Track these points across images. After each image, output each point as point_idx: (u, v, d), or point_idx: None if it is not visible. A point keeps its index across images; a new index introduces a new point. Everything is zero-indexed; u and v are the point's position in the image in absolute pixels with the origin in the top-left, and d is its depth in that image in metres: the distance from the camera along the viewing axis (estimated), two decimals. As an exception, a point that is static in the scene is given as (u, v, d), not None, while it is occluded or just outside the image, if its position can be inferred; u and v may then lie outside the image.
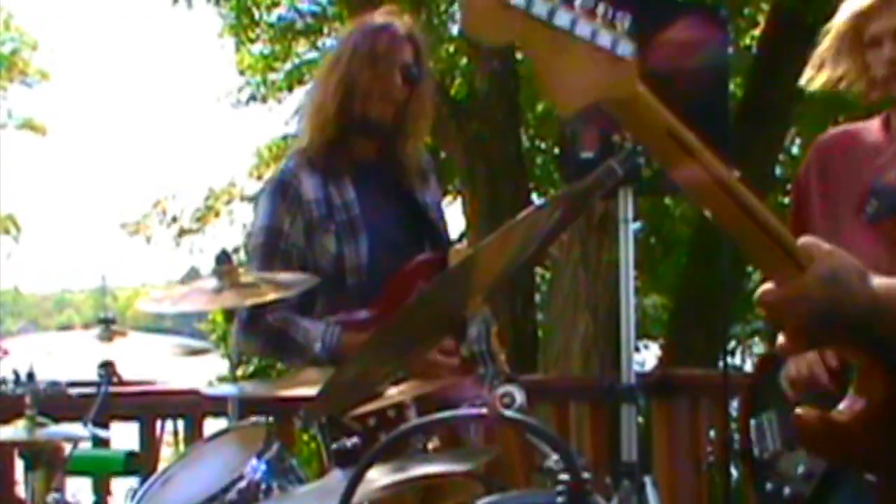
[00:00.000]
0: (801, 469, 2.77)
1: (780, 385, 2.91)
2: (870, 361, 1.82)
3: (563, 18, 1.45)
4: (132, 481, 3.69)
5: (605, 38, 1.47)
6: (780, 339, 1.74)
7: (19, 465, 3.78)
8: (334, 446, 3.33)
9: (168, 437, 5.09)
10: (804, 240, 1.68)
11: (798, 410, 1.92)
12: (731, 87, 7.05)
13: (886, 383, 1.81)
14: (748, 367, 11.63)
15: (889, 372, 1.80)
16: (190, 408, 4.66)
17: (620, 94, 1.52)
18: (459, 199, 10.26)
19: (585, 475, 2.02)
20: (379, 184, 3.74)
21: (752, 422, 3.04)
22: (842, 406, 1.89)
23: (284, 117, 14.86)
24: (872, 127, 2.90)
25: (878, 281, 1.68)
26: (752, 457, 3.01)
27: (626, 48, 1.48)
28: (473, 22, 1.47)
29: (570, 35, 1.45)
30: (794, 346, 1.75)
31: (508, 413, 2.20)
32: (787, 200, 12.03)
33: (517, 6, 1.43)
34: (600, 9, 1.47)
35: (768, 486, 2.87)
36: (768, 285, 1.68)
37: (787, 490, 2.80)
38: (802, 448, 2.60)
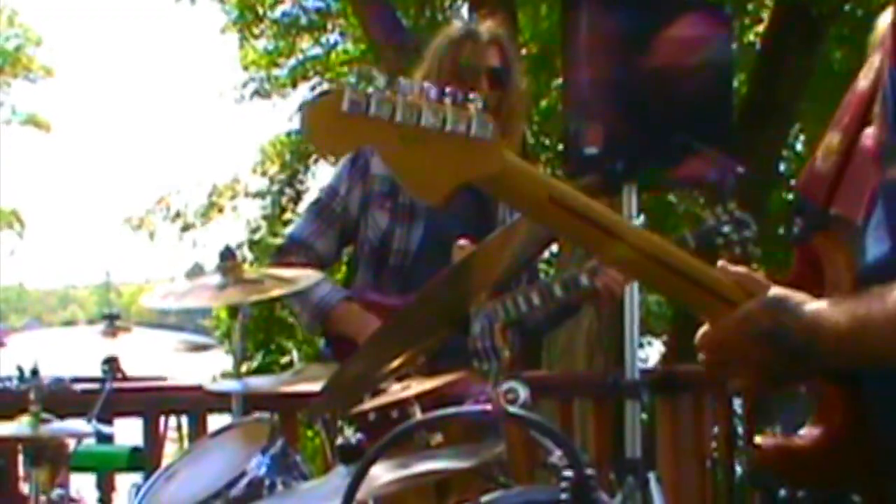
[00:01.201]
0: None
1: (784, 396, 2.91)
2: (829, 390, 1.82)
3: (406, 114, 1.42)
4: (136, 477, 3.70)
5: (457, 125, 1.44)
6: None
7: (23, 461, 3.78)
8: (338, 442, 3.33)
9: (172, 434, 5.09)
10: (741, 274, 1.65)
11: (757, 439, 1.91)
12: (735, 83, 7.06)
13: (843, 410, 1.81)
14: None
15: (846, 399, 1.79)
16: (194, 404, 4.65)
17: (486, 173, 1.49)
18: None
19: (589, 471, 2.01)
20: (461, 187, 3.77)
21: (758, 437, 3.03)
22: (802, 432, 1.88)
23: (288, 113, 14.90)
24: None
25: (821, 305, 1.63)
26: (762, 473, 3.00)
27: (482, 129, 1.45)
28: (317, 136, 1.45)
29: (417, 128, 1.43)
30: (741, 383, 1.72)
31: (512, 409, 2.20)
32: (791, 197, 12.04)
33: (355, 111, 1.41)
34: (448, 96, 1.45)
35: (781, 493, 2.87)
36: (705, 328, 1.66)
37: (800, 492, 2.80)
38: (763, 474, 2.58)
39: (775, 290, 1.63)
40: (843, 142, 1.92)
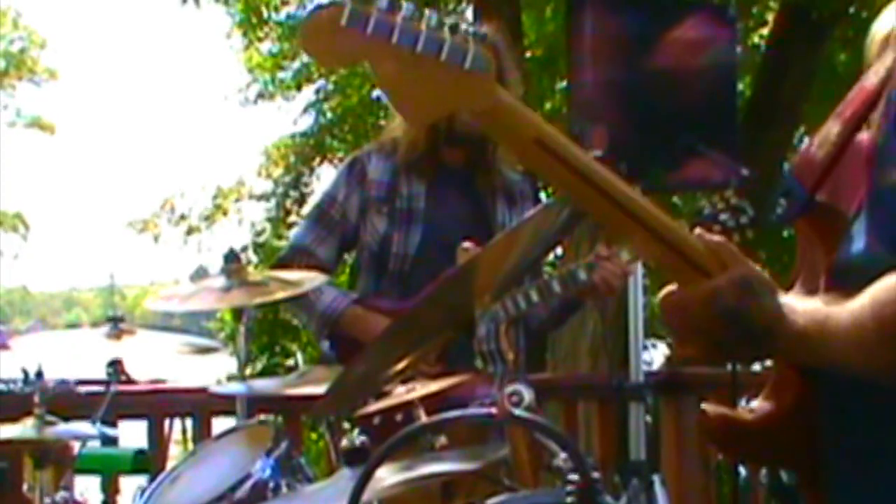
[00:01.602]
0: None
1: None
2: (786, 369, 1.82)
3: (403, 37, 1.43)
4: (141, 480, 3.70)
5: (453, 54, 1.44)
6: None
7: (28, 463, 3.78)
8: (343, 445, 3.34)
9: (176, 436, 5.09)
10: (717, 243, 1.65)
11: (703, 406, 1.89)
12: (740, 86, 7.05)
13: (795, 391, 1.81)
14: (756, 365, 11.61)
15: (801, 382, 1.79)
16: (198, 406, 4.66)
17: (475, 106, 1.48)
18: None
19: (594, 474, 2.02)
20: (457, 188, 3.79)
21: None
22: (753, 404, 1.87)
23: (293, 116, 14.90)
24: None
25: (787, 299, 1.64)
26: (783, 485, 2.99)
27: (477, 61, 1.45)
28: (313, 46, 1.46)
29: (413, 52, 1.43)
30: (690, 350, 1.71)
31: (517, 412, 2.20)
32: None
33: (354, 26, 1.41)
34: (447, 25, 1.45)
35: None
36: (672, 287, 1.67)
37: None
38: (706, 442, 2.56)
39: (746, 270, 1.62)
40: (842, 134, 1.92)
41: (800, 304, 1.63)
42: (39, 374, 3.59)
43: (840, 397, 1.73)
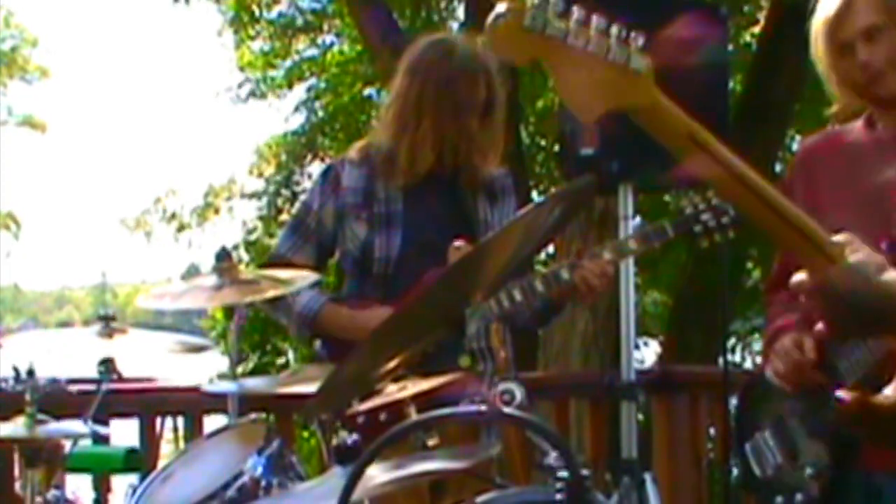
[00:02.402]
0: (808, 472, 2.77)
1: (768, 403, 2.93)
2: None
3: (577, 39, 1.61)
4: (132, 478, 3.69)
5: (618, 55, 1.62)
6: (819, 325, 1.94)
7: (19, 462, 3.78)
8: (334, 443, 3.34)
9: (168, 434, 5.09)
10: (841, 236, 1.80)
11: (839, 393, 2.00)
12: (731, 84, 7.05)
13: None
14: (748, 364, 11.63)
15: None
16: (190, 405, 4.65)
17: (637, 103, 1.67)
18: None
19: (585, 472, 2.02)
20: (434, 188, 3.80)
21: (748, 446, 3.04)
22: (887, 391, 1.99)
23: (284, 114, 14.89)
24: (856, 127, 2.93)
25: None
26: (756, 479, 3.01)
27: (639, 62, 1.65)
28: (498, 44, 1.62)
29: (584, 52, 1.61)
30: (830, 332, 1.96)
31: (508, 410, 2.20)
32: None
33: (534, 28, 1.59)
34: (614, 29, 1.63)
35: (778, 499, 2.87)
36: (802, 274, 1.82)
37: (798, 497, 2.80)
38: (845, 429, 2.62)
39: (860, 256, 1.78)
40: None
41: None
42: (31, 373, 3.58)
43: None
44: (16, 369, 3.75)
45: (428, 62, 3.81)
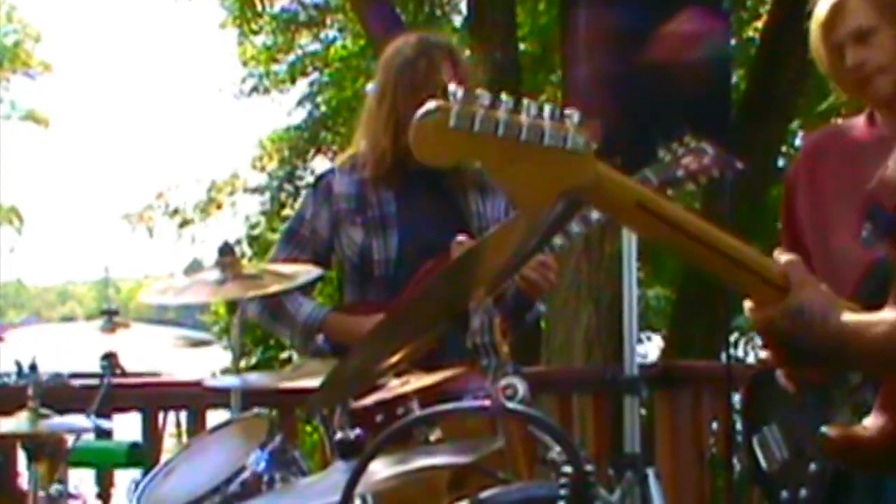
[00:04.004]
0: (812, 468, 2.77)
1: (775, 397, 2.93)
2: (892, 380, 1.94)
3: (507, 130, 1.53)
4: (135, 473, 3.69)
5: (553, 138, 1.54)
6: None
7: (22, 456, 3.78)
8: (337, 438, 3.34)
9: (171, 429, 5.09)
10: (787, 262, 1.78)
11: (824, 430, 2.03)
12: (734, 79, 7.05)
13: None
14: (751, 358, 11.62)
15: None
16: (193, 399, 4.65)
17: (581, 184, 1.59)
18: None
19: (588, 467, 2.02)
20: (425, 187, 3.79)
21: (755, 439, 3.04)
22: (867, 422, 1.99)
23: (287, 108, 14.90)
24: (858, 123, 2.94)
25: (847, 318, 1.77)
26: (763, 473, 3.01)
27: (577, 140, 1.55)
28: (424, 149, 1.56)
29: (518, 143, 1.53)
30: (775, 363, 1.92)
31: (511, 405, 2.20)
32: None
33: (461, 128, 1.52)
34: (546, 111, 1.55)
35: (784, 494, 2.87)
36: (750, 305, 1.82)
37: (803, 492, 2.80)
38: (832, 462, 2.64)
39: (804, 296, 1.76)
40: None
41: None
42: (33, 368, 3.59)
43: None
44: (18, 364, 3.75)
45: (389, 55, 3.84)
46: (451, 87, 1.56)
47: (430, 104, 1.53)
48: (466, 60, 3.90)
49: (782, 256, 1.79)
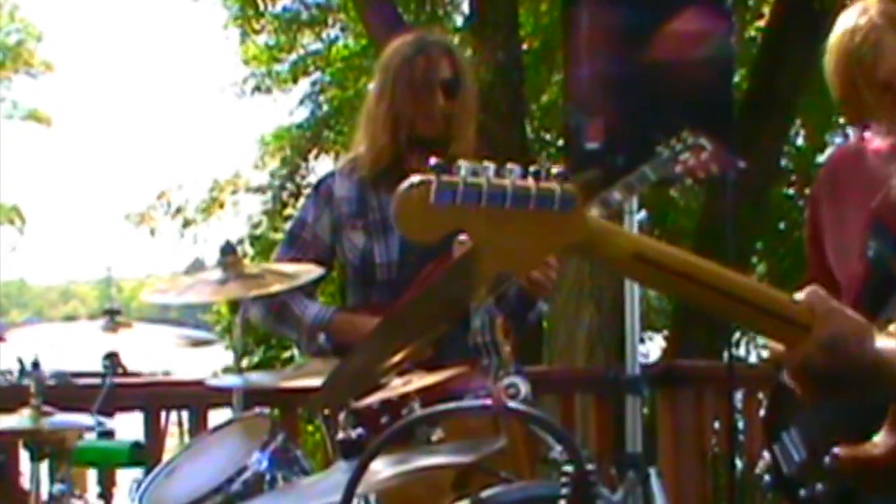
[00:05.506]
0: (828, 462, 2.77)
1: (794, 401, 2.91)
2: None
3: (493, 199, 1.48)
4: (137, 472, 3.69)
5: (541, 200, 1.49)
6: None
7: (24, 455, 3.78)
8: (339, 437, 3.34)
9: (173, 428, 5.09)
10: (807, 295, 1.70)
11: (835, 450, 2.06)
12: (736, 78, 7.05)
13: None
14: (752, 358, 11.62)
15: None
16: (195, 399, 4.65)
17: (573, 241, 1.54)
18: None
19: (590, 466, 2.02)
20: None
21: (775, 447, 3.03)
22: (876, 440, 2.01)
23: (289, 108, 14.88)
24: (876, 133, 2.92)
25: (880, 344, 1.70)
26: (783, 478, 3.00)
27: (565, 199, 1.50)
28: (409, 227, 1.50)
29: (504, 210, 1.48)
30: (813, 399, 1.81)
31: (513, 404, 2.20)
32: (791, 192, 12.04)
33: (443, 202, 1.47)
34: (531, 173, 1.50)
35: (802, 492, 2.86)
36: (779, 348, 1.73)
37: (819, 487, 2.80)
38: (845, 481, 2.63)
39: (832, 328, 1.68)
40: None
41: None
42: (36, 366, 3.58)
43: None
44: (21, 362, 3.75)
45: (388, 55, 3.85)
46: (432, 161, 1.49)
47: (410, 180, 1.48)
48: (465, 58, 3.90)
49: (803, 292, 1.71)
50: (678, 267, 1.61)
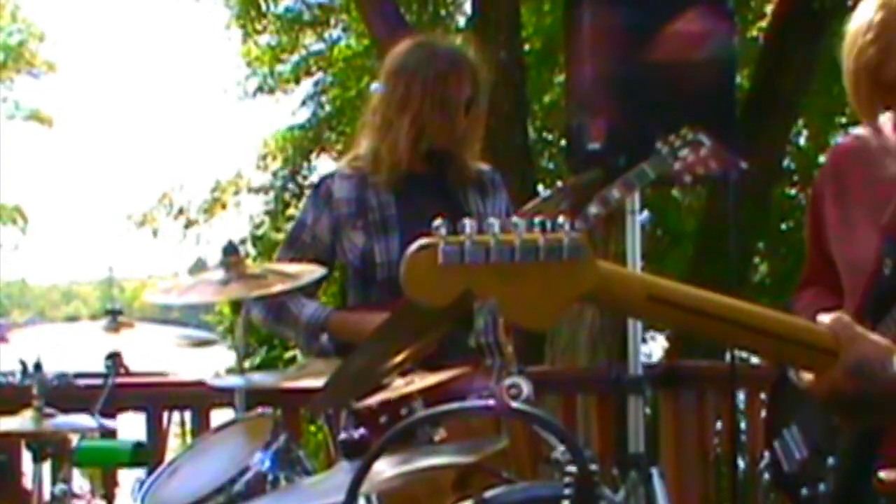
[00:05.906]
0: (831, 462, 2.76)
1: (796, 399, 2.91)
2: None
3: (500, 254, 1.49)
4: (139, 472, 3.69)
5: (550, 252, 1.49)
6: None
7: (26, 456, 3.78)
8: (341, 437, 3.34)
9: (175, 429, 5.09)
10: (832, 322, 1.71)
11: (881, 474, 2.06)
12: (738, 78, 7.04)
13: None
14: (755, 358, 11.61)
15: None
16: (197, 399, 4.66)
17: (585, 289, 1.54)
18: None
19: (592, 467, 2.01)
20: (425, 188, 3.80)
21: (776, 444, 3.02)
22: None
23: (291, 108, 14.89)
24: (883, 127, 2.90)
25: None
26: (784, 475, 2.99)
27: (574, 247, 1.50)
28: (419, 290, 1.52)
29: (513, 265, 1.49)
30: (848, 426, 1.91)
31: (515, 405, 2.20)
32: (794, 192, 12.04)
33: (451, 263, 1.48)
34: (537, 224, 1.50)
35: (804, 491, 2.86)
36: (811, 378, 1.77)
37: (821, 486, 2.79)
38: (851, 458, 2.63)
39: (858, 352, 1.69)
40: None
41: None
42: (38, 367, 3.58)
43: None
44: (23, 363, 3.75)
45: (413, 63, 3.83)
46: (436, 222, 1.50)
47: (418, 243, 1.49)
48: (483, 71, 3.89)
49: (826, 318, 1.73)
50: (693, 303, 1.62)
